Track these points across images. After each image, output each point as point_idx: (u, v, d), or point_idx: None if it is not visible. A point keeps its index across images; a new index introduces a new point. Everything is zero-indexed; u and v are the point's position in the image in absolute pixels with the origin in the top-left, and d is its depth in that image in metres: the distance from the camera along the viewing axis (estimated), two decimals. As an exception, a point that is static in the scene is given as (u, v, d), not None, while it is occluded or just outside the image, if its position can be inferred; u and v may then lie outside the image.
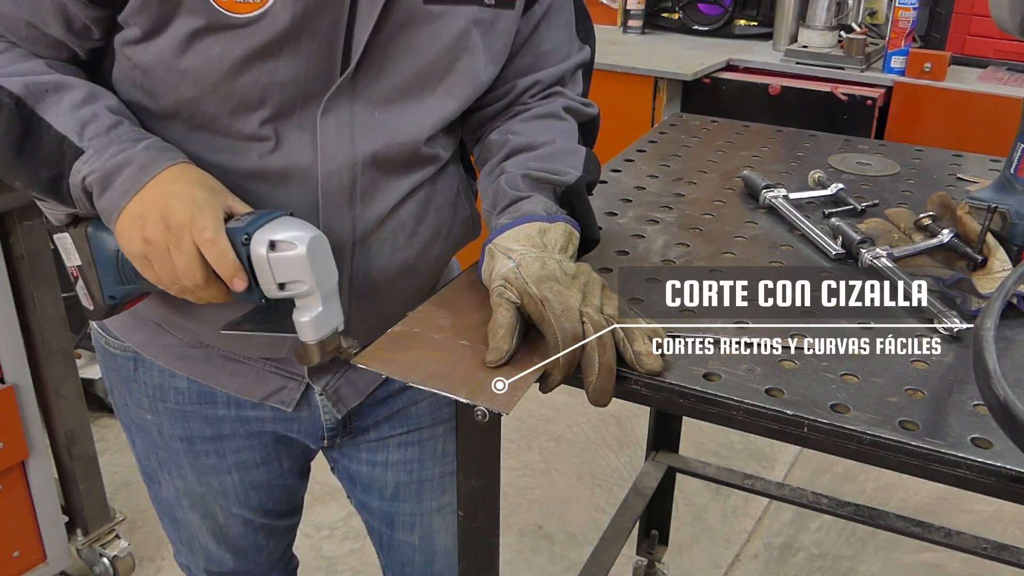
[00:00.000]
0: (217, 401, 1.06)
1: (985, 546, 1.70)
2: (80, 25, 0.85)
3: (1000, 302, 0.72)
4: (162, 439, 1.10)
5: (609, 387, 0.80)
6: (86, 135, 0.83)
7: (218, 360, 1.02)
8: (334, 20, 0.84)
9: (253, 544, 1.21)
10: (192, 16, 0.81)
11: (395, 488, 1.18)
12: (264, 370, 1.03)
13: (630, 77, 2.98)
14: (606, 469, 2.55)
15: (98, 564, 2.01)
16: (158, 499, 1.19)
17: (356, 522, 2.26)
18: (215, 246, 0.80)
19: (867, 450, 0.76)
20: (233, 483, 1.12)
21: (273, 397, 1.05)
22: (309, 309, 0.84)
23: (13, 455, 1.74)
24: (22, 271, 1.70)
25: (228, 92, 0.85)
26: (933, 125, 2.81)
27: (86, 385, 2.37)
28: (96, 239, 0.90)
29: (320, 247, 0.83)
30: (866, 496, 2.43)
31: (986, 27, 2.94)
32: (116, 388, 1.11)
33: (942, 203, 1.10)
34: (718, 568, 2.21)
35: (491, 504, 0.94)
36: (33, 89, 0.83)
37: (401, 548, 1.23)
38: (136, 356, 1.05)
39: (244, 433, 1.08)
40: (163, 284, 0.84)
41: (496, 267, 0.88)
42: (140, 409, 1.08)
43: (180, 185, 0.82)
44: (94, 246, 0.90)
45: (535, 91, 1.02)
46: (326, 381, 1.05)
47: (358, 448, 1.16)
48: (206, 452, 1.09)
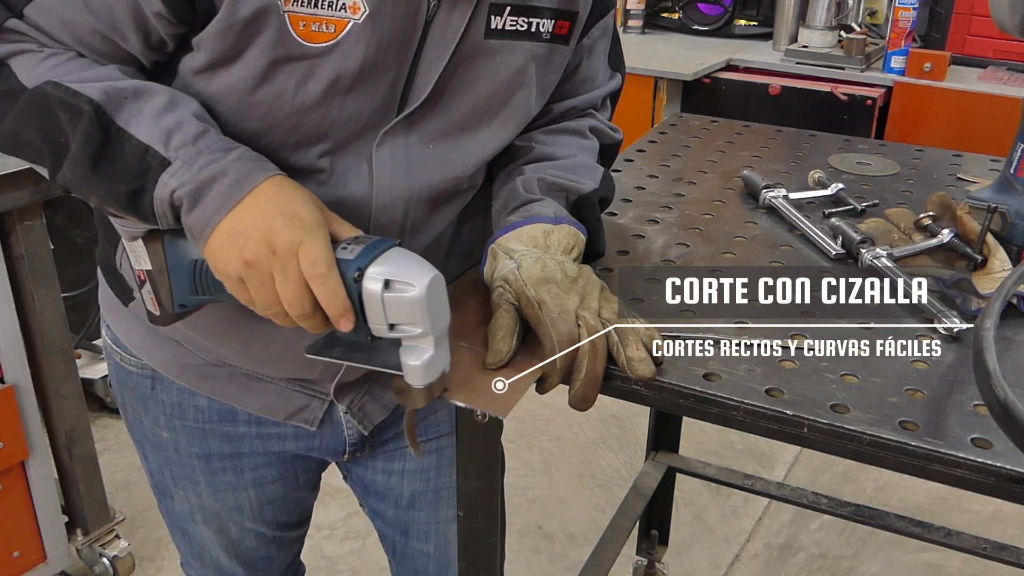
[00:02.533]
0: (238, 419, 1.04)
1: (985, 546, 1.70)
2: (156, 39, 0.80)
3: (1000, 302, 0.72)
4: (178, 456, 1.08)
5: (592, 395, 0.80)
6: (172, 145, 0.75)
7: (241, 379, 1.00)
8: (403, 56, 0.82)
9: (264, 556, 1.20)
10: (268, 46, 0.77)
11: (411, 496, 1.17)
12: (288, 389, 1.01)
13: (630, 77, 2.96)
14: (606, 469, 2.55)
15: (98, 564, 2.01)
16: (170, 513, 1.17)
17: (356, 522, 2.26)
18: (327, 283, 0.72)
19: (867, 450, 0.76)
20: (249, 499, 1.11)
21: (297, 416, 1.03)
22: (419, 352, 0.76)
23: (13, 455, 1.74)
24: (22, 271, 1.70)
25: (295, 126, 0.81)
26: (933, 125, 2.81)
27: (86, 385, 2.37)
28: (173, 247, 0.82)
29: (437, 288, 0.74)
30: (866, 496, 2.43)
31: (986, 27, 2.94)
32: (130, 404, 1.08)
33: (942, 203, 1.10)
34: (718, 568, 2.21)
35: (491, 504, 0.94)
36: (113, 96, 0.76)
37: (415, 557, 1.22)
38: (154, 374, 1.03)
39: (263, 451, 1.07)
40: (254, 306, 0.77)
41: (497, 268, 0.88)
42: (156, 427, 1.06)
43: (282, 203, 0.75)
44: (170, 255, 0.82)
45: (569, 116, 1.04)
46: (351, 399, 1.04)
47: (374, 457, 1.15)
48: (223, 469, 1.08)
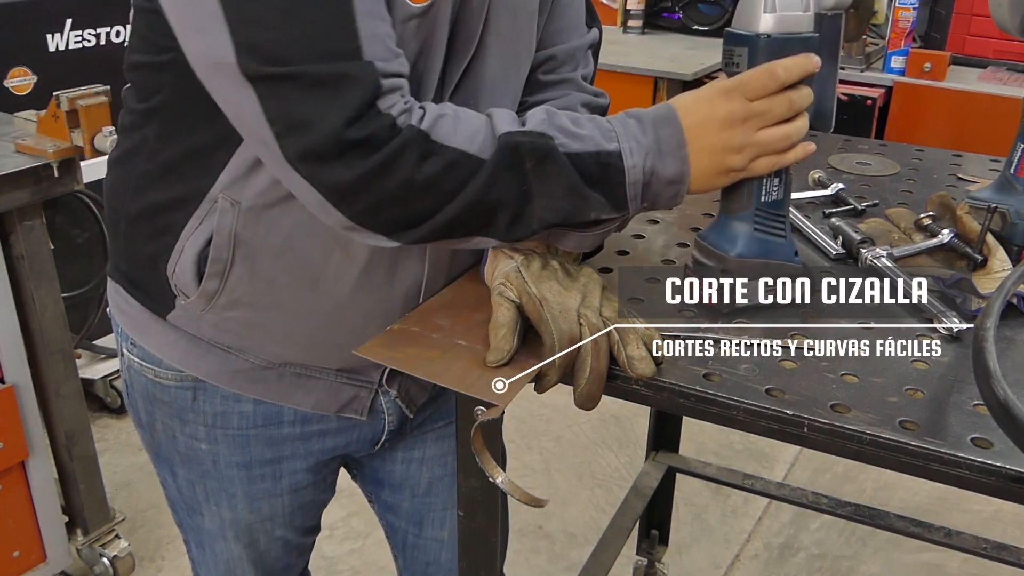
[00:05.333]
0: (283, 420, 1.03)
1: (985, 546, 1.70)
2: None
3: (1000, 302, 0.72)
4: (215, 468, 1.06)
5: (597, 393, 0.80)
6: (605, 138, 0.80)
7: (291, 379, 0.99)
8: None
9: (286, 566, 1.19)
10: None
11: (429, 483, 1.18)
12: (337, 382, 1.01)
13: (630, 77, 2.98)
14: (606, 469, 2.55)
15: (98, 564, 2.00)
16: (199, 529, 1.14)
17: (356, 522, 2.27)
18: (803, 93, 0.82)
19: (867, 450, 0.76)
20: (283, 505, 1.11)
21: (347, 408, 1.03)
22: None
23: (13, 455, 1.74)
24: (22, 271, 1.70)
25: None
26: (933, 125, 2.81)
27: (86, 385, 2.37)
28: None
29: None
30: (866, 496, 2.43)
31: (986, 27, 2.94)
32: (163, 421, 1.04)
33: (942, 203, 1.10)
34: (718, 568, 2.21)
35: (491, 504, 0.94)
36: (552, 127, 0.79)
37: (428, 547, 1.22)
38: (196, 385, 1.00)
39: (303, 452, 1.07)
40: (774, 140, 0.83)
41: (499, 266, 0.87)
42: (194, 439, 1.04)
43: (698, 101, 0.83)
44: None
45: (549, 67, 1.02)
46: (399, 384, 1.04)
47: (394, 447, 1.15)
48: (262, 476, 1.07)
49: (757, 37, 0.85)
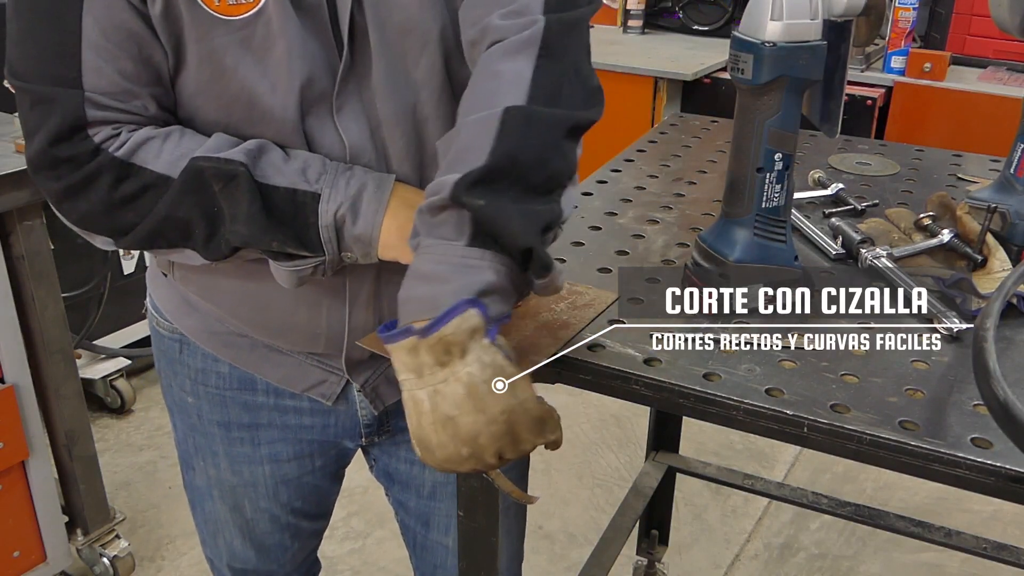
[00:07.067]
0: (256, 388, 1.07)
1: (985, 546, 1.70)
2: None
3: (1000, 302, 0.72)
4: (200, 423, 1.12)
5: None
6: (310, 180, 0.83)
7: (261, 350, 1.04)
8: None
9: (278, 543, 1.22)
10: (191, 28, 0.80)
11: (432, 487, 1.18)
12: (306, 363, 1.04)
13: (630, 77, 2.98)
14: (606, 469, 2.55)
15: (98, 564, 2.01)
16: (191, 486, 1.21)
17: (356, 522, 2.27)
18: None
19: (867, 450, 0.76)
20: (264, 474, 1.14)
21: (314, 389, 1.06)
22: None
23: (13, 455, 1.74)
24: (22, 271, 1.70)
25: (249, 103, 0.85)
26: (933, 125, 2.81)
27: (86, 385, 2.37)
28: None
29: None
30: (866, 496, 2.43)
31: (986, 27, 2.94)
32: (163, 369, 1.13)
33: (942, 203, 1.10)
34: (718, 568, 2.21)
35: (491, 504, 0.94)
36: (249, 156, 0.82)
37: (435, 549, 1.23)
38: (182, 339, 1.07)
39: (280, 424, 1.10)
40: None
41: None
42: (183, 391, 1.11)
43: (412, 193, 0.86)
44: None
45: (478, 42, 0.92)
46: (366, 378, 1.06)
47: (397, 446, 1.16)
48: (241, 440, 1.11)
49: (763, 45, 0.85)
